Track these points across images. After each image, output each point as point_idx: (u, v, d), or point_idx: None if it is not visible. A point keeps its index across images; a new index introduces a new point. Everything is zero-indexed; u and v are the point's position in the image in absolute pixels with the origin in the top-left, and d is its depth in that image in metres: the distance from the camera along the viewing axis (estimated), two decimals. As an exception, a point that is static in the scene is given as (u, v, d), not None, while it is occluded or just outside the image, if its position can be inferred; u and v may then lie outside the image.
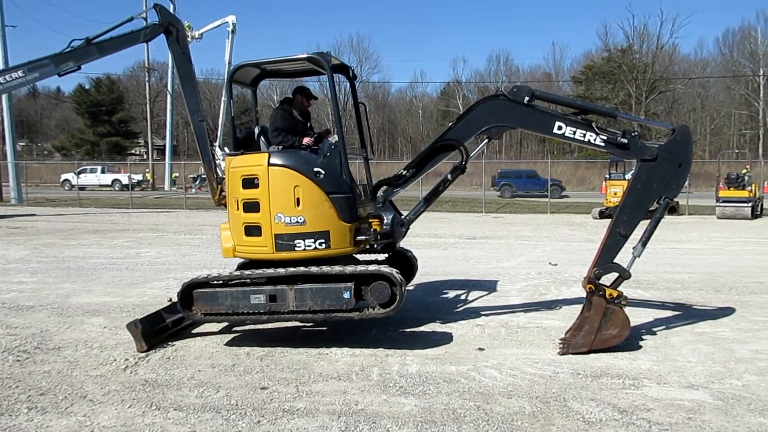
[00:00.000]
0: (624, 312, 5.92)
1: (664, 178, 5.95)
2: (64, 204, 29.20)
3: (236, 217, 6.19)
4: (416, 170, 6.41)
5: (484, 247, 14.31)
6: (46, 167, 54.17)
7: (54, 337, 6.53)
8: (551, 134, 6.16)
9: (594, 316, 5.91)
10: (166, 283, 9.43)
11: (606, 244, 6.04)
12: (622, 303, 5.92)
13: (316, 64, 6.37)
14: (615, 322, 5.88)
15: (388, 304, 5.70)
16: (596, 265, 6.00)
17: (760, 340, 6.41)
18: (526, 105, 6.05)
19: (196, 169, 41.40)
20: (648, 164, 5.95)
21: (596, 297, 5.92)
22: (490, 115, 6.21)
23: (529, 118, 6.18)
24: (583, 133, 6.00)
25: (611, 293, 5.90)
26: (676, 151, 5.97)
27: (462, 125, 6.32)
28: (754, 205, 21.70)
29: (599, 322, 5.87)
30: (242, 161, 6.17)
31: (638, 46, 56.82)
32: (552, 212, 25.01)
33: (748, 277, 10.10)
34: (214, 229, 17.90)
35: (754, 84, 59.55)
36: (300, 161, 6.03)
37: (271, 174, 5.93)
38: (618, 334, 5.89)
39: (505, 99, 6.15)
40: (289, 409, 4.59)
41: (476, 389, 4.99)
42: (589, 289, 5.97)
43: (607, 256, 6.01)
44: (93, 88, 64.93)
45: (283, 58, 6.48)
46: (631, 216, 6.01)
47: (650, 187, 5.99)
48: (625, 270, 5.98)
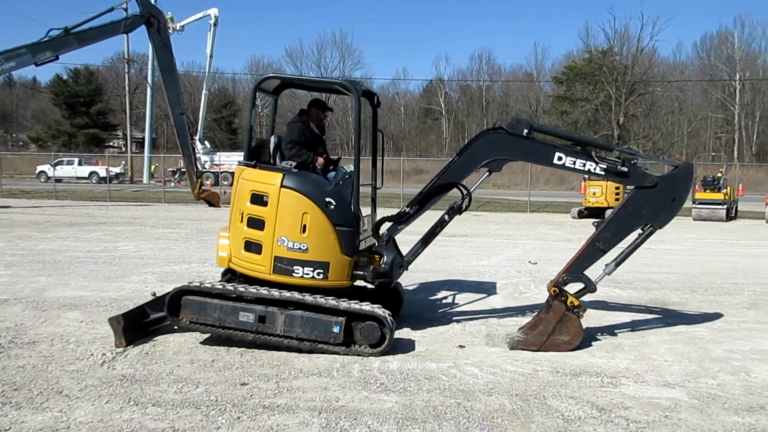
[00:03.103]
0: (580, 322, 6.02)
1: (655, 207, 6.04)
2: (40, 196, 28.69)
3: (237, 229, 6.11)
4: (419, 207, 6.35)
5: (465, 245, 14.37)
6: (21, 158, 53.16)
7: (29, 331, 6.41)
8: (552, 165, 6.14)
9: (551, 319, 5.99)
10: (144, 278, 9.32)
11: (582, 254, 6.13)
12: (580, 313, 6.01)
13: (346, 90, 6.41)
14: (569, 330, 5.98)
15: (377, 345, 5.71)
16: (566, 272, 6.09)
17: (735, 339, 6.53)
18: (526, 137, 6.04)
19: (176, 163, 41.01)
20: (645, 191, 6.01)
21: (557, 302, 6.01)
22: (491, 149, 6.19)
23: (530, 151, 6.18)
24: (583, 163, 6.03)
25: (572, 301, 5.99)
26: (674, 186, 6.06)
27: (462, 161, 6.27)
28: (729, 208, 22.10)
29: (554, 326, 5.96)
30: (255, 176, 6.08)
31: (619, 48, 57.38)
32: (532, 211, 25.20)
33: (722, 278, 10.28)
34: (193, 223, 17.75)
35: (731, 88, 60.57)
36: (313, 188, 5.96)
37: (282, 196, 5.87)
38: (569, 342, 5.98)
39: (504, 132, 6.13)
40: (270, 405, 4.56)
41: (457, 386, 5.01)
42: (553, 291, 6.05)
43: (579, 265, 6.10)
44: (71, 78, 63.79)
45: (315, 78, 6.53)
46: (614, 234, 6.11)
47: (640, 212, 6.08)
48: (592, 283, 6.09)
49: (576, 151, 6.09)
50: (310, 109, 6.82)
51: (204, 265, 10.46)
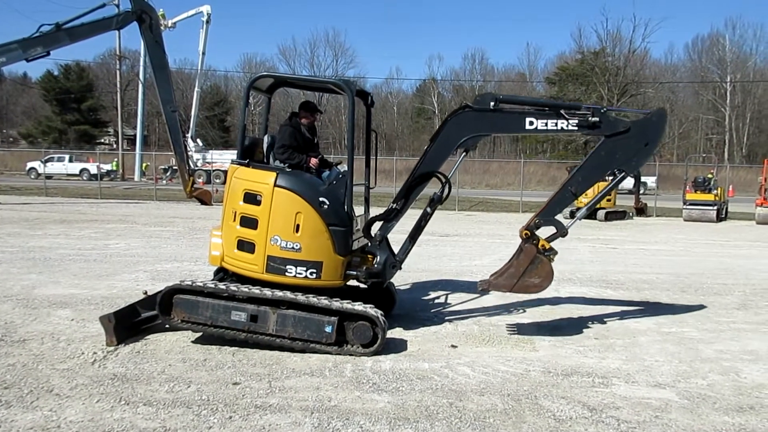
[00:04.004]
0: (550, 265, 6.04)
1: (628, 153, 6.12)
2: (30, 193, 28.46)
3: (230, 228, 6.09)
4: (405, 201, 6.39)
5: (457, 244, 14.40)
6: (11, 154, 52.68)
7: (19, 329, 6.36)
8: (525, 131, 6.26)
9: (522, 261, 6.03)
10: (135, 276, 9.27)
11: (554, 199, 6.23)
12: (551, 257, 6.04)
13: (340, 89, 6.42)
14: (539, 272, 6.02)
15: (369, 345, 5.71)
16: (538, 216, 6.14)
17: (725, 340, 6.58)
18: (493, 110, 6.11)
19: (167, 160, 40.80)
20: (618, 137, 6.06)
21: (529, 245, 6.06)
22: (462, 129, 6.27)
23: (500, 122, 6.27)
24: (554, 122, 6.12)
25: (544, 244, 6.05)
26: (647, 130, 6.13)
27: (437, 147, 6.32)
28: (720, 209, 22.24)
29: (525, 268, 6.00)
30: (248, 175, 6.07)
31: (611, 50, 57.73)
32: (524, 211, 25.24)
33: (713, 278, 10.35)
34: (185, 221, 17.68)
35: (722, 90, 60.98)
36: (306, 188, 5.96)
37: (276, 195, 5.87)
38: (539, 284, 6.03)
39: (471, 110, 6.22)
40: (262, 405, 4.55)
41: (449, 386, 5.02)
42: (524, 235, 6.10)
43: (551, 210, 6.20)
44: (62, 74, 63.29)
45: (308, 77, 6.54)
46: (585, 178, 6.24)
47: (613, 157, 6.17)
48: (564, 227, 6.14)
49: (545, 113, 6.16)
50: (300, 112, 6.82)
51: (196, 263, 10.42)
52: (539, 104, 6.54)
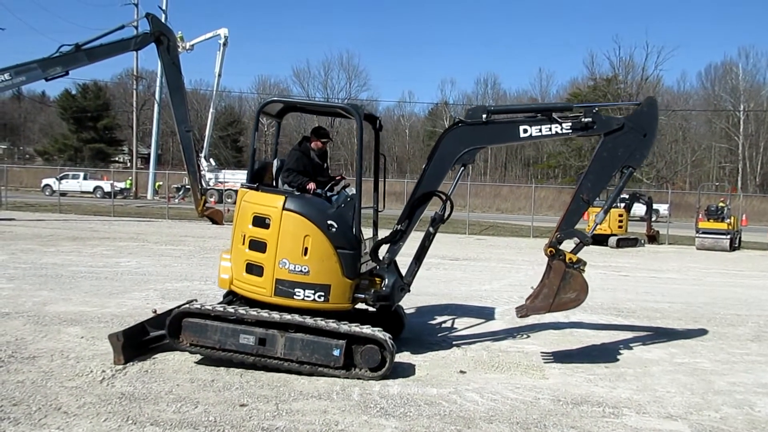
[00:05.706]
0: (583, 277, 5.99)
1: (629, 147, 6.12)
2: (44, 209, 28.76)
3: (239, 251, 6.12)
4: (408, 222, 6.39)
5: (467, 269, 14.34)
6: (27, 171, 53.33)
7: (29, 345, 6.39)
8: (520, 140, 6.29)
9: (553, 279, 5.98)
10: (145, 294, 9.31)
11: (569, 210, 6.21)
12: (581, 268, 5.99)
13: (348, 113, 6.48)
14: (573, 286, 5.96)
15: (377, 369, 5.69)
16: (558, 230, 6.11)
17: (738, 372, 6.48)
18: (486, 123, 6.17)
19: (180, 179, 41.12)
20: (614, 134, 6.08)
21: (556, 261, 6.01)
22: (458, 145, 6.30)
23: (494, 133, 6.34)
24: (548, 128, 6.16)
25: (571, 258, 6.00)
26: (641, 122, 6.15)
27: (434, 165, 6.35)
28: (733, 238, 22.06)
29: (558, 286, 5.94)
30: (257, 198, 6.11)
31: (623, 77, 57.88)
32: (535, 236, 25.15)
33: (725, 308, 10.23)
34: (196, 240, 17.76)
35: (735, 119, 60.81)
36: (315, 211, 5.99)
37: (284, 218, 5.90)
38: (576, 299, 5.96)
39: (464, 125, 6.27)
40: (269, 428, 4.53)
41: (457, 413, 4.97)
42: (549, 252, 6.07)
43: (569, 221, 6.18)
44: (79, 93, 64.41)
45: (317, 102, 6.63)
46: (595, 183, 6.22)
47: (615, 155, 6.15)
48: (586, 236, 6.12)
49: (538, 119, 6.17)
50: (311, 137, 6.93)
51: (206, 283, 10.45)
52: (531, 110, 6.63)
